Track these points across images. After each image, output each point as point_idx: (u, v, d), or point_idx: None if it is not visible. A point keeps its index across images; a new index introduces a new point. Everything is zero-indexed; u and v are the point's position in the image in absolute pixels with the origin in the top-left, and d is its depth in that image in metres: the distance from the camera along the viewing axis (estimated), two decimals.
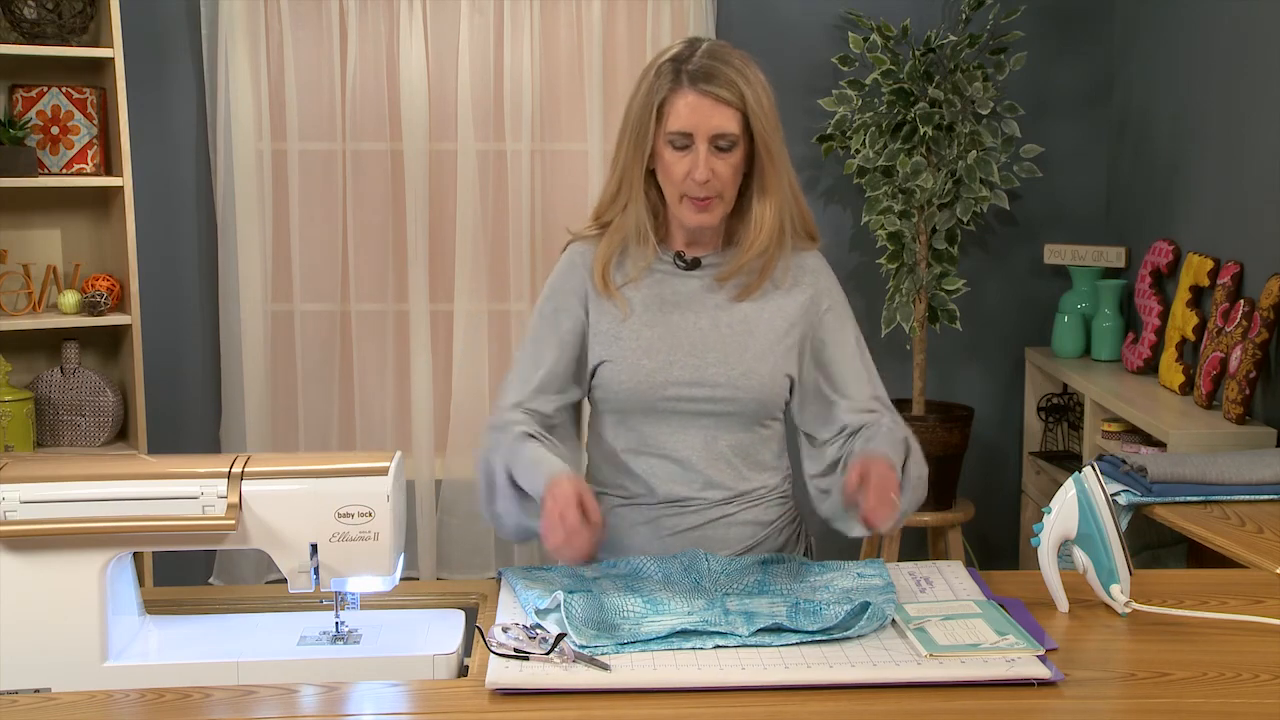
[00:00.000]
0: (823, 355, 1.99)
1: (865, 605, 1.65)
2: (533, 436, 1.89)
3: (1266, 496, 2.48)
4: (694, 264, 1.98)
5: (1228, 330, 3.14)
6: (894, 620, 1.66)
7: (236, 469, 1.58)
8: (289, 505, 1.59)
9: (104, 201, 3.69)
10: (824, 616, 1.63)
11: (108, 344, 3.77)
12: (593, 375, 1.98)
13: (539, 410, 1.96)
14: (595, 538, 1.71)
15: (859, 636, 1.61)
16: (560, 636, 1.54)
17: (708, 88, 1.82)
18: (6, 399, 3.50)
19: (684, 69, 1.83)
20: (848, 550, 3.68)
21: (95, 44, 3.60)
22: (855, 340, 2.00)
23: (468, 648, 1.63)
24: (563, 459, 1.84)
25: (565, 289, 2.00)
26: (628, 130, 1.89)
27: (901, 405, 3.90)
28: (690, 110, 1.82)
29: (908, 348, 3.97)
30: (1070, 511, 1.72)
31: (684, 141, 1.84)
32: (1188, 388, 3.32)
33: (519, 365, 2.00)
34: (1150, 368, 3.61)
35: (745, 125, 1.85)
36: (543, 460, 1.82)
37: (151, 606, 1.75)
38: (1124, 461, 2.63)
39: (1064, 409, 4.00)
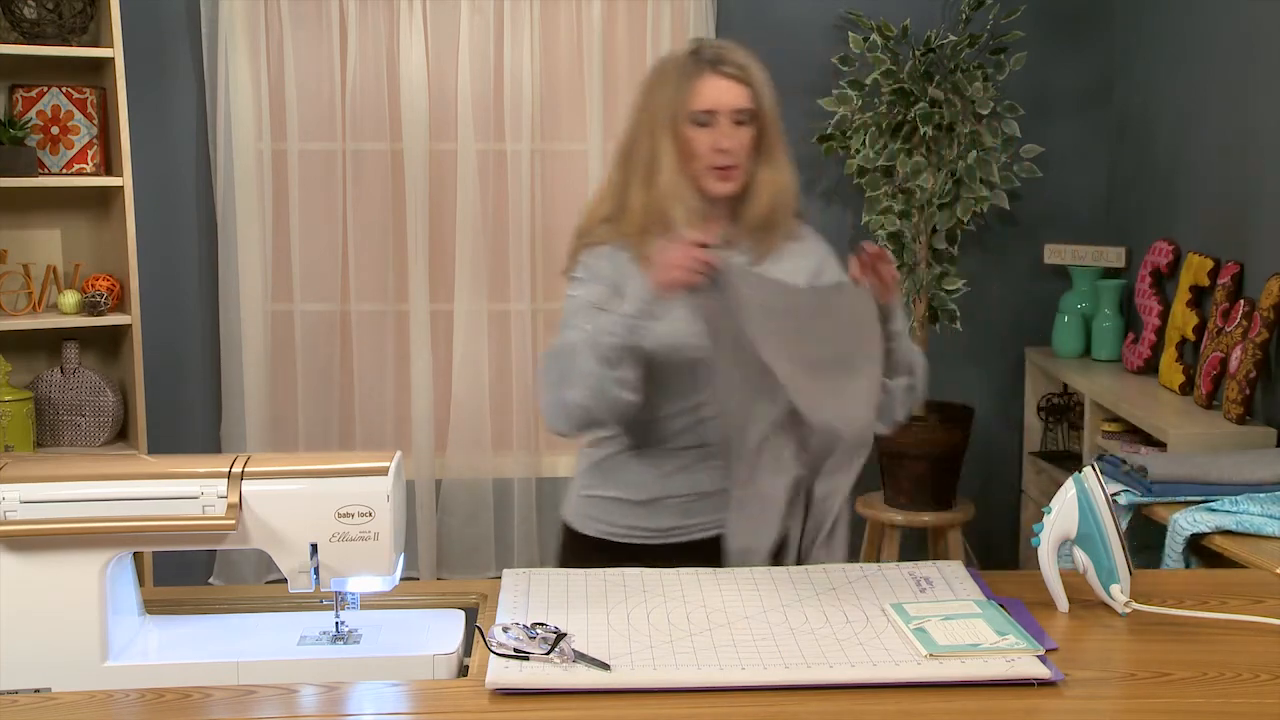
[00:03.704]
0: None
1: None
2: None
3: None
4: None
5: (1228, 330, 3.14)
6: (894, 620, 1.66)
7: (236, 469, 1.58)
8: (289, 505, 1.59)
9: (104, 201, 3.69)
10: None
11: (108, 344, 3.77)
12: None
13: None
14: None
15: None
16: (560, 636, 1.54)
17: (725, 69, 2.03)
18: (6, 399, 3.50)
19: (701, 58, 2.03)
20: None
21: (95, 44, 3.60)
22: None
23: (468, 648, 1.63)
24: None
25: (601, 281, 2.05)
26: (656, 120, 2.02)
27: None
28: (712, 89, 2.01)
29: None
30: (1070, 511, 1.72)
31: (706, 119, 2.01)
32: (1188, 388, 3.32)
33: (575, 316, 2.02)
34: (1150, 368, 3.61)
35: (754, 104, 2.05)
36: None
37: (151, 606, 1.75)
38: (1124, 461, 2.63)
39: (1064, 409, 4.00)
